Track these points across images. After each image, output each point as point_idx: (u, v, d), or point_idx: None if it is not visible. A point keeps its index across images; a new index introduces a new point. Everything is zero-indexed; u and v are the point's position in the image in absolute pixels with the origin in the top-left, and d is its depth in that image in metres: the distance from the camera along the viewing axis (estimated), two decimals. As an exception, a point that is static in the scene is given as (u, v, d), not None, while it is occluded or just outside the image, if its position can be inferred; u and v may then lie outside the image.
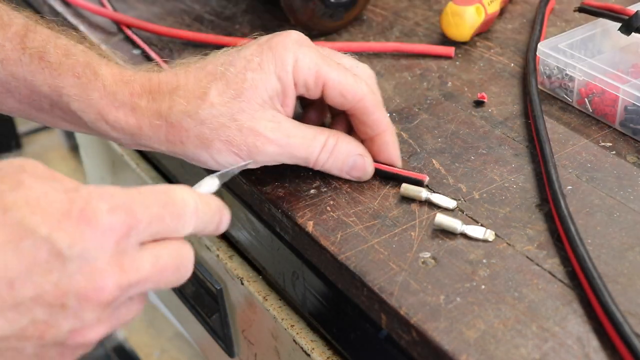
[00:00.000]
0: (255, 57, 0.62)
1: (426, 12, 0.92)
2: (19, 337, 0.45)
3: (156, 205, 0.49)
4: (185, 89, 0.63)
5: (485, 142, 0.70)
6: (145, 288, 0.49)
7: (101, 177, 1.13)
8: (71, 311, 0.46)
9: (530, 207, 0.63)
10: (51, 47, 0.66)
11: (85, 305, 0.46)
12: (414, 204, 0.64)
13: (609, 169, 0.66)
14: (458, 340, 0.52)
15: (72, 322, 0.46)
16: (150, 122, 0.64)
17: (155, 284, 0.50)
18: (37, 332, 0.45)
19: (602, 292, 0.53)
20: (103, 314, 0.47)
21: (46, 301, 0.45)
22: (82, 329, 0.47)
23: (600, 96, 0.71)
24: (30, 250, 0.44)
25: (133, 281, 0.47)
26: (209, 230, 0.53)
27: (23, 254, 0.44)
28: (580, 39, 0.77)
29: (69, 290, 0.45)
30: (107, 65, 0.66)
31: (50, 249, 0.44)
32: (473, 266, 0.58)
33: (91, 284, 0.46)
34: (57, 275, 0.45)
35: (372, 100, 0.64)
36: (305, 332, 0.71)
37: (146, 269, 0.48)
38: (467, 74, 0.80)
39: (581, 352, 0.51)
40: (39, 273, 0.44)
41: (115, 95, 0.64)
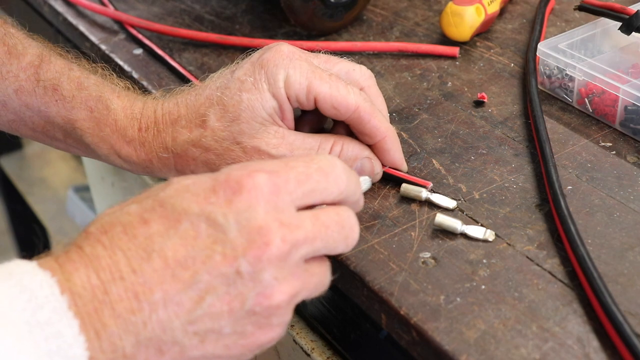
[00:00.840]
0: (249, 78, 0.62)
1: (426, 12, 0.92)
2: (211, 316, 0.46)
3: (301, 164, 0.50)
4: (186, 118, 0.64)
5: (485, 142, 0.70)
6: (316, 247, 0.50)
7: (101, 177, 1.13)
8: (247, 276, 0.47)
9: (530, 207, 0.63)
10: (64, 80, 0.68)
11: (258, 266, 0.47)
12: (414, 204, 0.64)
13: (609, 169, 0.66)
14: (458, 340, 0.52)
15: (253, 286, 0.47)
16: (159, 156, 0.65)
17: (324, 243, 0.50)
18: (225, 306, 0.46)
19: (602, 292, 0.53)
20: (280, 272, 0.48)
21: (220, 272, 0.46)
22: (264, 291, 0.47)
23: (600, 96, 0.71)
24: (189, 230, 0.47)
25: (298, 236, 0.48)
26: (354, 198, 0.54)
27: (184, 235, 0.47)
28: (580, 39, 0.77)
29: (237, 255, 0.46)
30: (119, 97, 0.67)
31: (206, 223, 0.47)
32: (473, 266, 0.58)
33: (255, 242, 0.47)
34: (220, 245, 0.47)
35: (366, 109, 0.62)
36: (305, 332, 0.71)
37: (307, 226, 0.49)
38: (467, 74, 0.80)
39: (581, 352, 0.51)
40: (203, 247, 0.46)
41: (125, 131, 0.66)
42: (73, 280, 0.45)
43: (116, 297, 0.45)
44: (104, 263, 0.46)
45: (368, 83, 0.66)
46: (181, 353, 0.47)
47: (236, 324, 0.47)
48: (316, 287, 0.51)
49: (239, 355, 0.49)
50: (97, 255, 0.46)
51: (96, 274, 0.45)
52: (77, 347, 0.43)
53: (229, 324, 0.47)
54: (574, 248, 0.57)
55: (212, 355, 0.48)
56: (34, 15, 1.05)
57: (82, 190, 1.49)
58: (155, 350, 0.46)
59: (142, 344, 0.45)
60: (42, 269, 0.45)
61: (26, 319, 0.42)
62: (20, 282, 0.44)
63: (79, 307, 0.44)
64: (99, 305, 0.45)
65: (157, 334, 0.46)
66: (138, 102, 0.67)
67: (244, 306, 0.47)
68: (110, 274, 0.46)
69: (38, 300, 0.43)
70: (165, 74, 0.83)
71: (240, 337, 0.48)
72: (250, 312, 0.47)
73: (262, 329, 0.48)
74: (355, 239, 0.52)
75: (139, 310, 0.45)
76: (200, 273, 0.46)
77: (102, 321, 0.44)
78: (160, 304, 0.46)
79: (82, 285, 0.45)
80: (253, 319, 0.48)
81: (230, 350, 0.48)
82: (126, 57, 0.87)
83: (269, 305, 0.48)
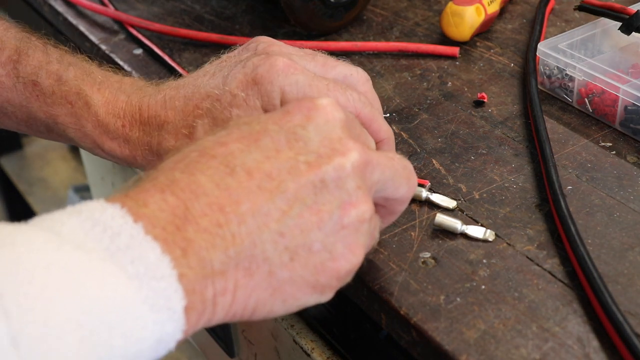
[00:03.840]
0: (241, 93, 0.60)
1: (426, 12, 0.92)
2: (301, 227, 0.46)
3: None
4: (173, 124, 0.62)
5: (485, 142, 0.70)
6: (386, 175, 0.51)
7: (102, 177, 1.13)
8: (332, 184, 0.47)
9: (530, 207, 0.63)
10: (43, 74, 0.66)
11: (342, 172, 0.47)
12: (414, 204, 0.64)
13: (609, 169, 0.66)
14: (458, 341, 0.52)
15: (339, 194, 0.47)
16: (143, 154, 0.64)
17: (391, 173, 0.51)
18: (313, 216, 0.46)
19: (602, 292, 0.53)
20: (362, 183, 0.48)
21: (307, 180, 0.46)
22: (350, 199, 0.47)
23: (600, 96, 0.71)
24: (270, 144, 0.47)
25: (373, 155, 0.49)
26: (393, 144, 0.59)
27: (266, 149, 0.47)
28: (580, 39, 0.77)
29: (321, 163, 0.47)
30: (99, 92, 0.65)
31: (286, 136, 0.47)
32: (473, 266, 0.58)
33: (338, 150, 0.48)
34: (304, 155, 0.47)
35: (366, 114, 0.61)
36: (305, 332, 0.71)
37: (377, 153, 0.50)
38: (467, 74, 0.80)
39: (581, 352, 0.51)
40: (287, 159, 0.47)
41: (108, 127, 0.64)
42: (148, 206, 0.43)
43: (199, 212, 0.44)
44: (182, 184, 0.44)
45: (365, 88, 0.64)
46: (270, 274, 0.45)
47: (326, 239, 0.47)
48: (376, 229, 0.52)
49: (326, 282, 0.48)
50: (174, 179, 0.45)
51: (174, 196, 0.44)
52: (163, 267, 0.41)
53: (319, 238, 0.46)
54: (574, 248, 0.57)
55: (300, 278, 0.46)
56: (34, 15, 1.05)
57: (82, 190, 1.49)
58: (244, 269, 0.45)
59: (232, 260, 0.44)
60: (110, 203, 0.43)
61: (105, 246, 0.41)
62: (91, 217, 0.42)
63: (157, 230, 0.42)
64: (181, 223, 0.43)
65: (246, 247, 0.44)
66: (121, 96, 0.65)
67: (332, 216, 0.47)
68: (191, 192, 0.44)
69: (113, 230, 0.42)
70: (165, 74, 0.83)
71: (330, 258, 0.47)
72: (339, 225, 0.47)
73: (350, 248, 0.48)
74: (415, 184, 0.54)
75: (227, 223, 0.44)
76: (286, 182, 0.46)
77: (186, 238, 0.43)
78: (248, 215, 0.44)
79: (160, 208, 0.43)
80: (341, 235, 0.47)
81: (319, 273, 0.47)
82: (126, 57, 0.87)
83: (356, 215, 0.48)
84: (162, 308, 0.41)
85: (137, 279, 0.41)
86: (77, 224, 0.42)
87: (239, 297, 0.45)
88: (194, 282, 0.43)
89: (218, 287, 0.44)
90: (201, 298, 0.43)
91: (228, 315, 0.45)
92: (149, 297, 0.41)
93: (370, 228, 0.50)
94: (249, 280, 0.45)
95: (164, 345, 0.42)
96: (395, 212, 0.55)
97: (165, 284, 0.41)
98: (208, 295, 0.43)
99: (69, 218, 0.42)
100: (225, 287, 0.44)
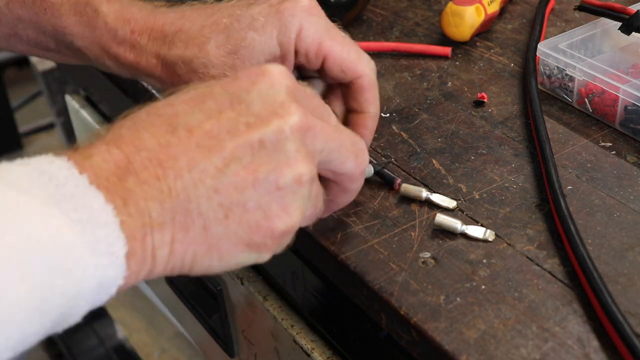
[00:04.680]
0: (261, 17, 0.62)
1: (426, 12, 0.92)
2: (236, 186, 0.47)
3: None
4: (188, 33, 0.63)
5: (485, 142, 0.70)
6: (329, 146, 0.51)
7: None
8: (271, 145, 0.48)
9: (530, 207, 0.63)
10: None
11: (281, 135, 0.48)
12: (414, 204, 0.64)
13: (609, 169, 0.66)
14: (458, 340, 0.52)
15: (276, 156, 0.48)
16: (148, 60, 0.65)
17: (337, 146, 0.52)
18: (249, 175, 0.47)
19: (602, 292, 0.53)
20: (302, 147, 0.49)
21: (245, 141, 0.47)
22: (288, 161, 0.48)
23: (600, 96, 0.71)
24: (214, 106, 0.48)
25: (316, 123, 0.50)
26: None
27: (209, 110, 0.48)
28: (580, 39, 0.77)
29: (260, 125, 0.48)
30: (109, 2, 0.67)
31: (230, 99, 0.48)
32: (473, 266, 0.58)
33: (278, 113, 0.48)
34: (244, 116, 0.48)
35: (370, 80, 0.63)
36: (305, 332, 0.71)
37: (323, 123, 0.51)
38: (467, 74, 0.80)
39: (581, 352, 0.51)
40: (228, 119, 0.48)
41: (116, 32, 0.65)
42: (93, 157, 0.45)
43: (140, 165, 0.45)
44: (127, 139, 0.46)
45: None
46: (205, 229, 0.47)
47: (261, 198, 0.47)
48: (318, 198, 0.53)
49: (260, 241, 0.49)
50: (120, 135, 0.47)
51: (118, 149, 0.45)
52: (106, 215, 0.43)
53: (254, 197, 0.47)
54: (574, 248, 0.57)
55: (234, 235, 0.47)
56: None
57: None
58: (180, 224, 0.46)
59: (167, 213, 0.45)
60: (57, 156, 0.45)
61: (50, 193, 0.42)
62: (38, 168, 0.43)
63: (101, 180, 0.44)
64: (122, 174, 0.45)
65: (181, 201, 0.46)
66: (132, 7, 0.66)
67: (268, 176, 0.47)
68: (134, 146, 0.46)
69: (59, 180, 0.43)
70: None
71: (264, 217, 0.48)
72: (274, 185, 0.48)
73: (285, 210, 0.48)
74: (365, 163, 0.54)
75: (164, 177, 0.45)
76: (224, 141, 0.47)
77: (126, 188, 0.44)
78: (184, 170, 0.46)
79: (104, 159, 0.45)
80: (276, 196, 0.48)
81: (253, 231, 0.48)
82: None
83: (293, 176, 0.48)
84: (104, 253, 0.43)
85: (80, 225, 0.42)
86: (24, 172, 0.43)
87: (176, 251, 0.46)
88: (134, 230, 0.44)
89: (156, 239, 0.45)
90: (142, 246, 0.45)
91: (167, 268, 0.47)
92: (91, 241, 0.42)
93: (311, 193, 0.50)
94: (184, 235, 0.46)
95: (105, 290, 0.44)
96: (348, 190, 0.56)
97: (108, 230, 0.43)
98: (147, 245, 0.45)
99: (17, 167, 0.44)
100: (162, 239, 0.46)
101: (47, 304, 0.41)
